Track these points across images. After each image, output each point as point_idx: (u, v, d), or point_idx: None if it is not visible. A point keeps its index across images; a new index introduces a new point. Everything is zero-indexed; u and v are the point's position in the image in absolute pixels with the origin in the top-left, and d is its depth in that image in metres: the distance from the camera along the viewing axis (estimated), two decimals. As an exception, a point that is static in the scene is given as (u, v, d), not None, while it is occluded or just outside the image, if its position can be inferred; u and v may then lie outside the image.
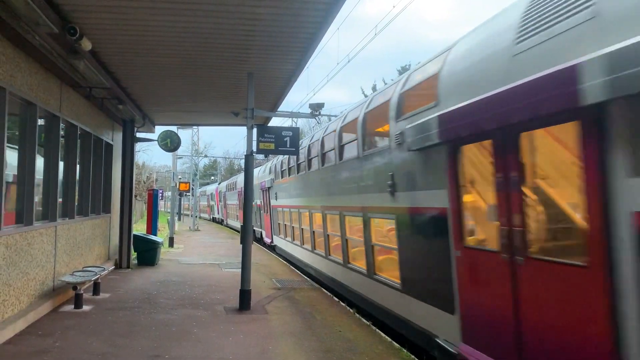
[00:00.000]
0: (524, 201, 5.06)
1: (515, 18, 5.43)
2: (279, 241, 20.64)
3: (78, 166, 11.71)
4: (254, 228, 26.26)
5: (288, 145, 10.70)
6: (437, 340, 6.79)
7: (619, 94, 3.67)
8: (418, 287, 7.56)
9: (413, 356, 7.36)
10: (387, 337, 8.37)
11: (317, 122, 13.50)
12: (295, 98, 56.00)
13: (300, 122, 48.49)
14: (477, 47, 6.19)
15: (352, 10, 33.27)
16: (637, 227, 3.84)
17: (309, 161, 14.24)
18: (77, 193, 11.58)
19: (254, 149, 10.58)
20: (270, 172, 20.84)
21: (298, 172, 15.76)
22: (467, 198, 6.21)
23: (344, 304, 10.93)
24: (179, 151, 33.47)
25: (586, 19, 4.36)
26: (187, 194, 40.38)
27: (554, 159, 5.08)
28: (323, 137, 12.51)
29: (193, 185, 41.33)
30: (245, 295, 9.98)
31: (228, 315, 9.43)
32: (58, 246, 10.22)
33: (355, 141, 10.16)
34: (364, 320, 9.44)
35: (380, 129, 9.12)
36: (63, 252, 10.56)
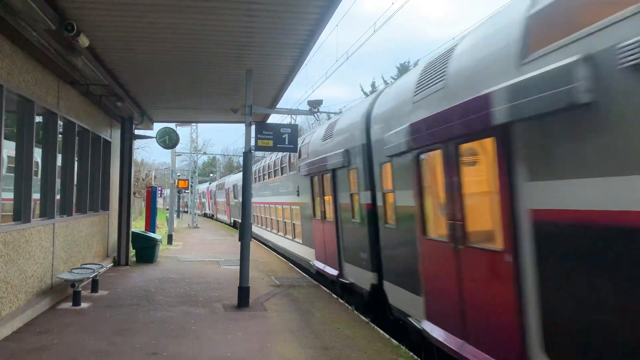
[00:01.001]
0: (324, 200, 12.51)
1: (321, 133, 12.93)
2: (252, 228, 28.90)
3: (76, 163, 11.68)
4: (234, 219, 38.09)
5: (286, 142, 10.67)
6: (310, 262, 14.59)
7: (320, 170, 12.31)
8: (306, 240, 15.20)
9: (411, 353, 7.36)
10: (385, 334, 8.37)
11: (316, 119, 13.51)
12: (294, 95, 56.20)
13: (299, 120, 48.42)
14: (316, 138, 13.41)
15: (351, 6, 33.14)
16: (340, 207, 11.19)
17: (268, 173, 21.92)
18: (75, 190, 11.55)
19: (253, 145, 10.56)
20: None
21: (263, 180, 23.32)
22: (316, 199, 13.43)
23: (342, 301, 10.94)
24: (178, 148, 33.51)
25: (326, 143, 12.36)
26: (186, 191, 40.26)
27: (327, 186, 12.17)
28: (275, 160, 20.08)
29: (192, 182, 41.25)
30: (243, 293, 9.97)
31: (226, 313, 9.42)
32: (56, 243, 10.20)
33: (287, 165, 17.86)
34: (363, 318, 9.44)
35: (293, 162, 16.76)
36: (61, 250, 10.54)
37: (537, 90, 4.25)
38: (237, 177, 35.76)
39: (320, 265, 13.19)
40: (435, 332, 6.55)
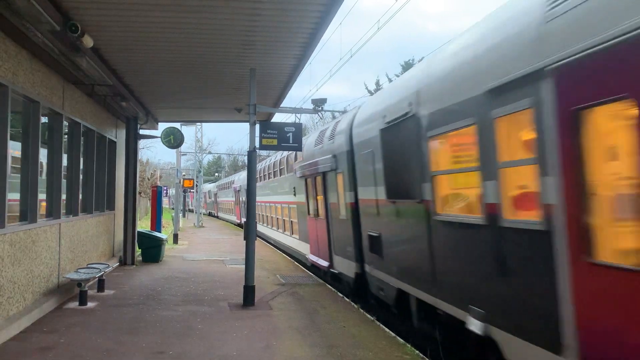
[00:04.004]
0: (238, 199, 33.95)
1: (226, 181, 41.49)
2: (221, 214, 48.86)
3: (82, 163, 11.72)
4: (210, 211, 63.15)
5: (291, 141, 10.67)
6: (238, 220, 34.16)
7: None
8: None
9: (417, 351, 7.35)
10: (390, 332, 8.37)
11: (320, 118, 13.52)
12: (298, 93, 56.29)
13: (304, 118, 48.39)
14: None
15: (355, 4, 33.10)
16: (239, 201, 34.05)
17: (227, 187, 35.36)
18: (81, 190, 11.59)
19: (257, 145, 10.57)
20: (215, 186, 49.14)
21: (228, 188, 36.95)
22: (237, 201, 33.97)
23: (348, 300, 10.94)
24: (183, 148, 33.64)
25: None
26: (191, 190, 40.49)
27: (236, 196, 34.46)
28: (228, 182, 35.34)
29: (197, 182, 41.35)
30: (249, 291, 9.98)
31: (232, 311, 9.44)
32: (62, 243, 10.25)
33: (230, 189, 37.44)
34: (368, 316, 9.44)
35: (238, 188, 32.12)
36: (67, 249, 10.59)
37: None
38: (210, 186, 62.45)
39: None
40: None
